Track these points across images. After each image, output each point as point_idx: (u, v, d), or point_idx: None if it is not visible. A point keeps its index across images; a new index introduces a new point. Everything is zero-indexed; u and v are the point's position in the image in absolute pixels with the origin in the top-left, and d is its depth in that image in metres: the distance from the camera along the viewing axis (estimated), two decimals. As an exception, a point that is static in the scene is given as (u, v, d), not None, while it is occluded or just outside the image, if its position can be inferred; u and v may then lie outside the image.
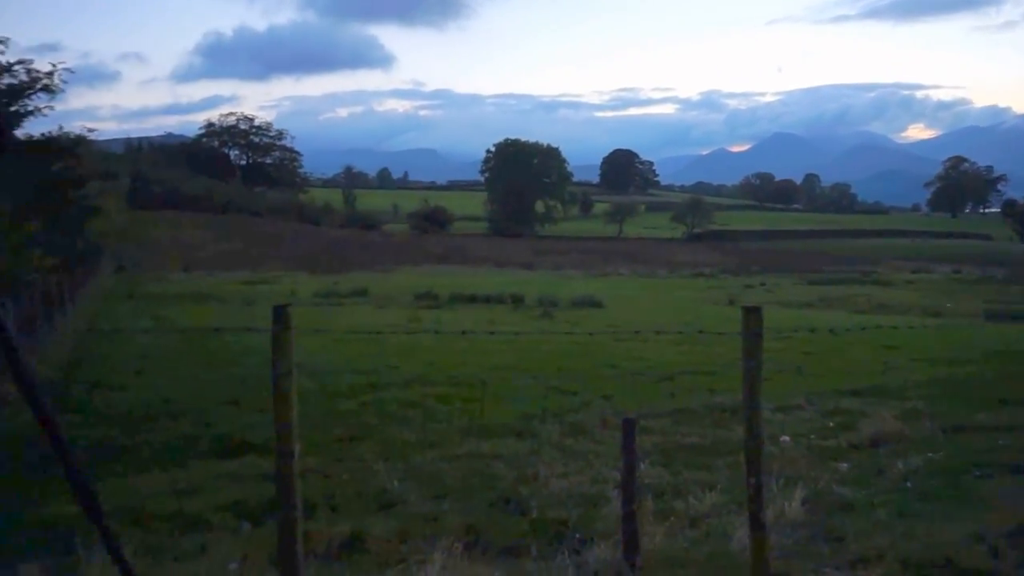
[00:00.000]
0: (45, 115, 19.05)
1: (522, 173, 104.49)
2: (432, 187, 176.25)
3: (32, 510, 5.23)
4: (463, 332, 6.68)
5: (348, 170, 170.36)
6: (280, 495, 3.68)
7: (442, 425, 8.66)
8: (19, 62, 18.17)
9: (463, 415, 9.15)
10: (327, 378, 11.31)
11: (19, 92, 18.21)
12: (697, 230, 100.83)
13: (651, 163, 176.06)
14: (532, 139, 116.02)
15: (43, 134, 21.40)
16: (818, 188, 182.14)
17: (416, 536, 4.91)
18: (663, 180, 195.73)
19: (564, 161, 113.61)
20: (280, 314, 3.67)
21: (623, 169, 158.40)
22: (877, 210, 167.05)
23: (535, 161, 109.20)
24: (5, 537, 4.62)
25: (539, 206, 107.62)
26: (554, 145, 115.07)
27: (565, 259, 64.27)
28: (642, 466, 5.53)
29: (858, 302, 30.74)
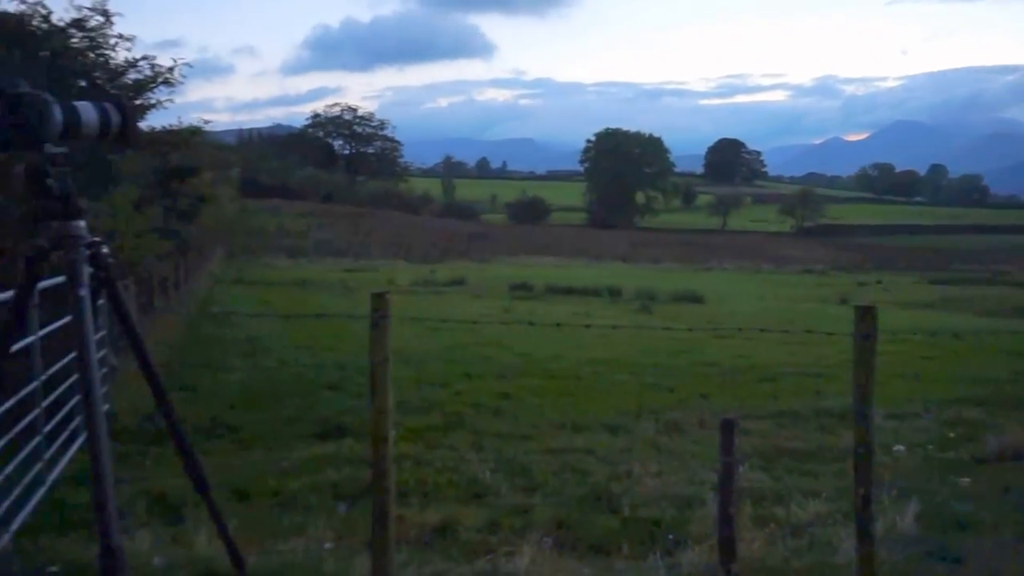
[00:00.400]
0: (166, 108, 20.23)
1: (623, 163, 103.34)
2: (530, 177, 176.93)
3: (146, 481, 5.59)
4: (557, 324, 6.72)
5: (447, 160, 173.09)
6: (374, 480, 3.79)
7: (535, 417, 8.71)
8: (143, 58, 19.37)
9: (556, 408, 9.16)
10: (423, 366, 11.56)
11: (143, 87, 19.44)
12: (807, 224, 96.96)
13: (759, 153, 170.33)
14: (634, 128, 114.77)
15: (164, 126, 22.78)
16: (944, 180, 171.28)
17: (506, 528, 4.97)
18: (771, 171, 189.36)
19: (666, 151, 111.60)
20: (378, 301, 3.77)
21: (729, 159, 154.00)
22: (1012, 204, 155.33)
23: (636, 151, 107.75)
24: (123, 505, 4.96)
25: (639, 197, 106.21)
26: (656, 134, 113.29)
27: (665, 252, 63.22)
28: (741, 469, 5.38)
29: (987, 304, 28.83)
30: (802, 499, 5.55)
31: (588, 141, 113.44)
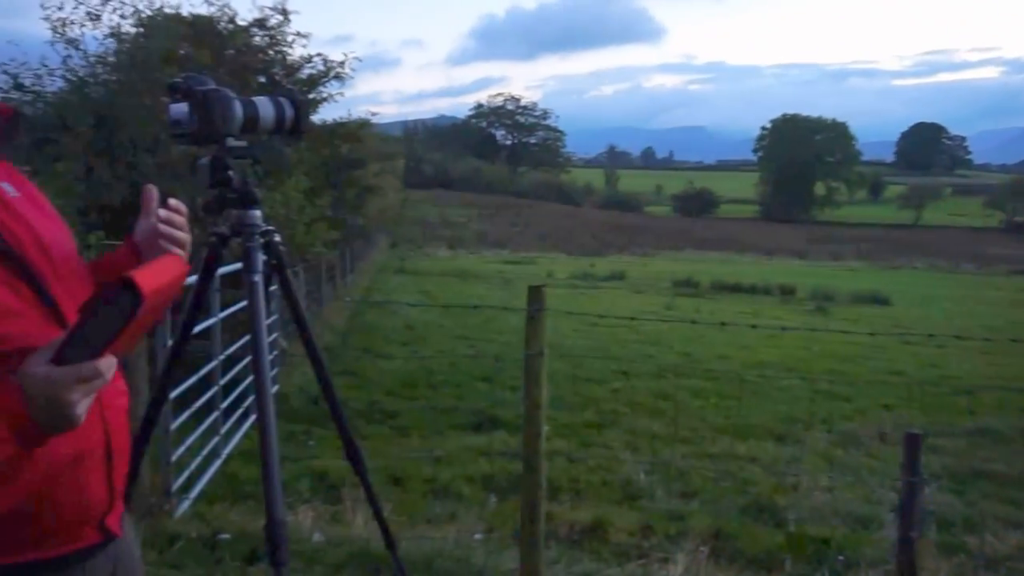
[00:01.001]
0: (336, 101, 21.61)
1: (802, 151, 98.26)
2: (699, 167, 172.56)
3: (310, 461, 6.02)
4: (722, 324, 6.52)
5: (611, 149, 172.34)
6: (525, 474, 3.87)
7: (695, 420, 8.52)
8: (317, 54, 20.77)
9: (718, 412, 8.92)
10: (579, 362, 11.62)
11: (316, 81, 20.88)
12: (1019, 218, 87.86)
13: (962, 138, 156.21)
14: (815, 113, 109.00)
15: (334, 119, 24.35)
16: None
17: (659, 533, 4.91)
18: (977, 159, 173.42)
19: (852, 138, 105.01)
20: (535, 294, 3.83)
21: (926, 146, 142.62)
22: None
23: (817, 138, 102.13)
24: (288, 482, 5.37)
25: (819, 188, 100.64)
26: (840, 119, 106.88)
27: (846, 248, 59.55)
28: (927, 490, 5.01)
29: None
30: (1000, 529, 5.08)
31: (763, 128, 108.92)
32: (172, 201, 1.44)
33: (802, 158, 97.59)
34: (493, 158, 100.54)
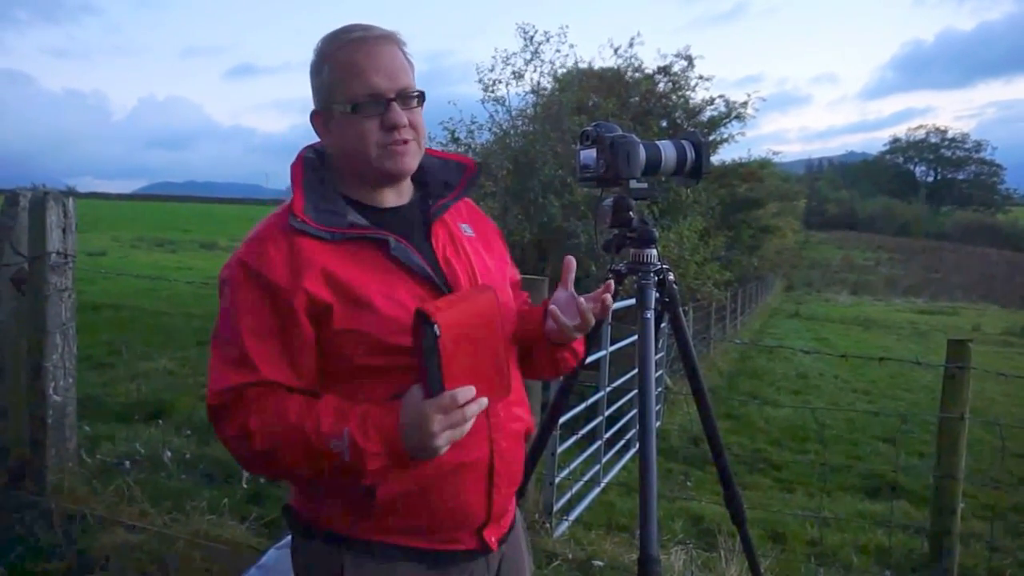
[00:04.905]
0: (736, 141, 21.80)
1: None
2: None
3: (685, 501, 6.01)
4: None
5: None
6: (933, 555, 3.44)
7: None
8: (719, 96, 21.19)
9: None
10: (1010, 432, 9.94)
11: (716, 123, 21.28)
12: None
13: None
14: None
15: (733, 159, 24.49)
16: None
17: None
18: None
19: None
20: (957, 349, 3.44)
21: None
22: None
23: None
24: (662, 519, 5.43)
25: None
26: None
27: None
28: None
29: None
30: None
31: None
32: (607, 299, 1.48)
33: None
34: (909, 197, 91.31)
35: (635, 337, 2.14)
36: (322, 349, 1.32)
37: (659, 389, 8.12)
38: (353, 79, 1.34)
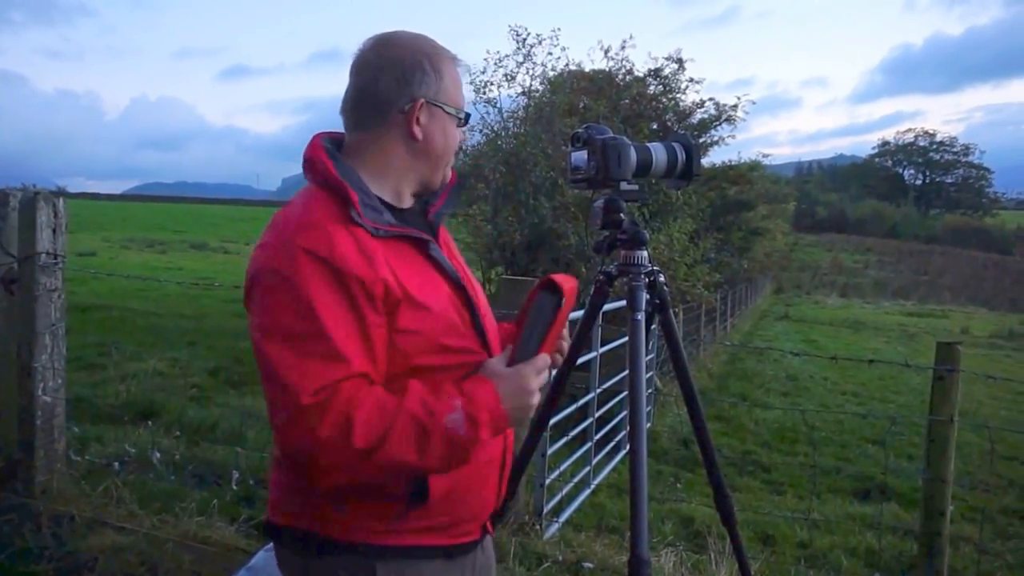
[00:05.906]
0: (727, 144, 21.90)
1: None
2: None
3: (675, 503, 6.01)
4: None
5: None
6: (922, 558, 3.44)
7: None
8: (709, 99, 21.27)
9: None
10: (998, 435, 10.00)
11: (707, 125, 21.35)
12: None
13: None
14: None
15: (723, 162, 24.57)
16: None
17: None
18: None
19: None
20: (946, 352, 3.45)
21: None
22: None
23: None
24: (652, 521, 5.43)
25: None
26: None
27: None
28: None
29: None
30: None
31: None
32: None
33: None
34: (898, 200, 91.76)
35: (625, 338, 2.14)
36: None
37: (649, 391, 8.13)
38: (458, 93, 1.44)
